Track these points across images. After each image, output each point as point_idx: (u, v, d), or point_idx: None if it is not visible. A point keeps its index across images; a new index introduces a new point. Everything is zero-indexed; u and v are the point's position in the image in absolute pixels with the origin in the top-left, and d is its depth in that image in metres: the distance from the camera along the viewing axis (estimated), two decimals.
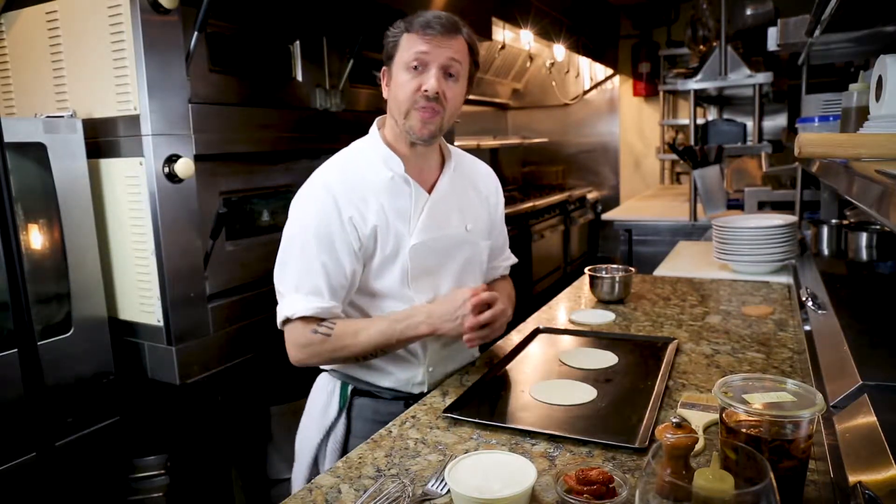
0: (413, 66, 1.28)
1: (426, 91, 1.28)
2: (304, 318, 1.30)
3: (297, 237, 1.32)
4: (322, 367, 1.46)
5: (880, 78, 1.21)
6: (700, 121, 4.10)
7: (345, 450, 1.38)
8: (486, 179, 1.59)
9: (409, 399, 1.38)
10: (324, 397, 1.44)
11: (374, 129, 1.42)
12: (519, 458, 0.98)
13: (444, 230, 1.41)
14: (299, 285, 1.30)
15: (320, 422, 1.43)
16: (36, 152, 1.59)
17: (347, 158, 1.40)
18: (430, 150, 1.42)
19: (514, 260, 1.69)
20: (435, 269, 1.41)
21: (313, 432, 1.43)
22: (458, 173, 1.47)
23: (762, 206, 3.43)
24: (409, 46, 1.29)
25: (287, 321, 1.32)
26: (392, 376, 1.40)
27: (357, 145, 1.43)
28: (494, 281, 1.63)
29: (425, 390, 1.40)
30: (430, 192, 1.40)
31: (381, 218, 1.33)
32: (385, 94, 1.37)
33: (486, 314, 1.31)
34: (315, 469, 1.43)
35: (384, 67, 1.37)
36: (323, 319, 1.31)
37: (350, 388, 1.42)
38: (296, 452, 1.49)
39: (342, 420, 1.41)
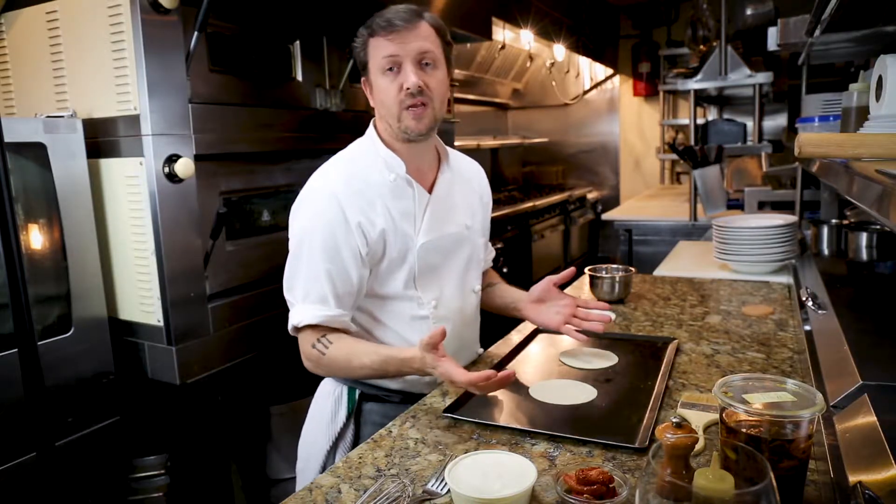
0: (388, 69, 1.28)
1: (408, 88, 1.27)
2: (311, 327, 1.30)
3: (303, 246, 1.31)
4: None
5: (880, 78, 1.21)
6: (700, 121, 4.10)
7: None
8: (479, 177, 1.60)
9: (419, 400, 1.36)
10: (330, 403, 1.42)
11: (371, 129, 1.41)
12: (519, 458, 0.98)
13: (447, 229, 1.42)
14: (307, 294, 1.30)
15: (329, 429, 1.41)
16: (36, 152, 1.59)
17: (348, 161, 1.39)
18: (427, 148, 1.41)
19: (494, 252, 1.73)
20: (439, 267, 1.42)
21: (321, 440, 1.41)
22: (454, 172, 1.48)
23: (762, 206, 3.43)
24: (377, 51, 1.29)
25: (296, 330, 1.33)
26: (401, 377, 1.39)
27: (356, 147, 1.42)
28: (486, 273, 1.67)
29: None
30: (429, 191, 1.40)
31: (389, 221, 1.33)
32: (372, 103, 1.37)
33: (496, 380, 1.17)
34: None
35: (363, 78, 1.36)
36: (332, 329, 1.31)
37: (358, 392, 1.41)
38: (299, 460, 1.47)
39: (351, 426, 1.40)
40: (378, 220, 1.32)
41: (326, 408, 1.43)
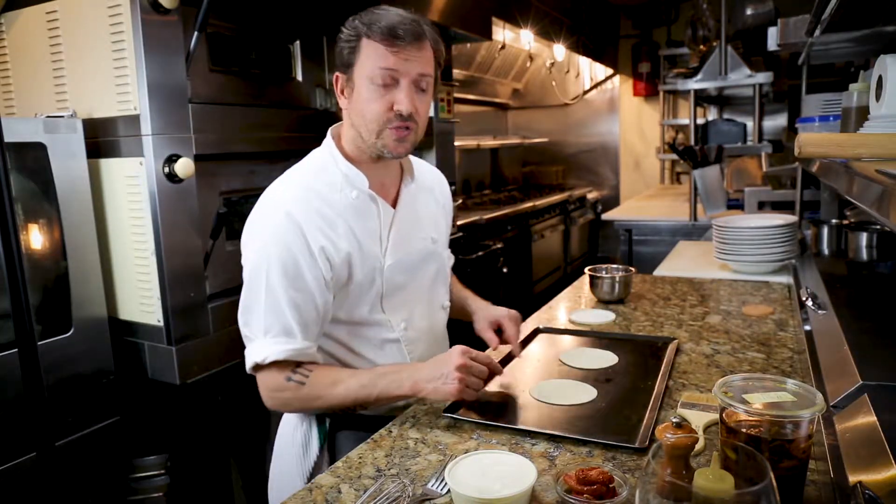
0: (381, 84, 1.17)
1: (400, 111, 1.18)
2: (277, 363, 1.19)
3: (260, 274, 1.18)
4: None
5: (880, 78, 1.21)
6: (700, 121, 4.10)
7: None
8: (442, 186, 1.51)
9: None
10: (299, 437, 1.31)
11: (329, 140, 1.30)
12: (519, 458, 0.98)
13: (413, 245, 1.34)
14: (268, 328, 1.18)
15: (301, 466, 1.30)
16: (36, 152, 1.59)
17: (305, 177, 1.27)
18: (393, 162, 1.32)
19: (453, 259, 1.58)
20: (407, 286, 1.33)
21: (295, 479, 1.30)
22: (417, 183, 1.38)
23: (762, 206, 3.43)
24: (372, 58, 1.17)
25: (258, 367, 1.20)
26: None
27: (312, 161, 1.31)
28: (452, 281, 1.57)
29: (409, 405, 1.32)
30: (393, 205, 1.31)
31: (353, 243, 1.23)
32: (343, 104, 1.25)
33: (480, 366, 1.19)
34: None
35: (338, 73, 1.24)
36: (298, 364, 1.20)
37: (328, 421, 1.31)
38: (270, 501, 1.37)
39: (326, 459, 1.29)
40: (342, 242, 1.21)
41: (295, 442, 1.32)
